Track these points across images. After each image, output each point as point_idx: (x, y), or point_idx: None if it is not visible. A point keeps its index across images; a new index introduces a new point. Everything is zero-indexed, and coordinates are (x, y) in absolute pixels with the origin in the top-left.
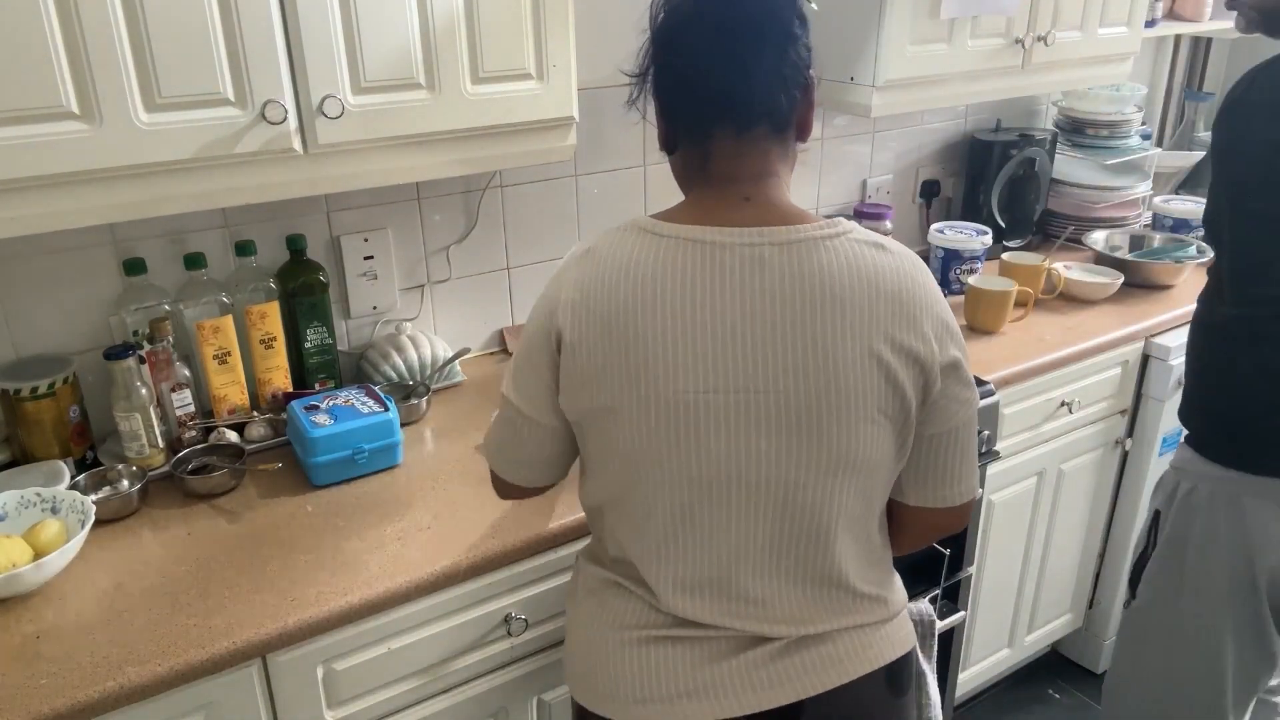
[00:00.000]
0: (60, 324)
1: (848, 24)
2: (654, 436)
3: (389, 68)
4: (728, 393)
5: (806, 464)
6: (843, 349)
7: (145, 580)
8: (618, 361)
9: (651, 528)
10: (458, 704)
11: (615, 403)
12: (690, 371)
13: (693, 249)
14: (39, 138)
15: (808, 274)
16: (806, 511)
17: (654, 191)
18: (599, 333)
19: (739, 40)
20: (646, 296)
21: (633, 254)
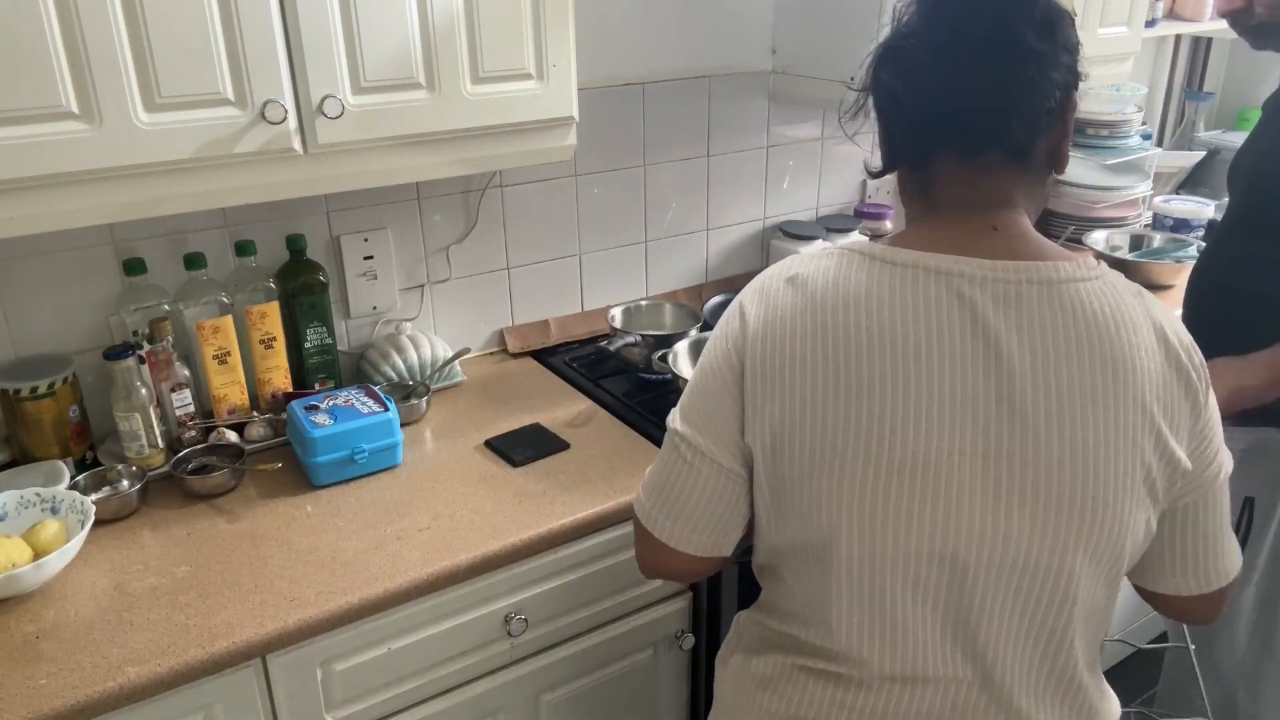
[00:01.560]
0: (60, 324)
1: (848, 24)
2: (885, 500)
3: (389, 68)
4: (977, 457)
5: (1064, 547)
6: (1118, 414)
7: (145, 580)
8: (841, 407)
9: (871, 607)
10: (457, 705)
11: (837, 453)
12: (935, 427)
13: (935, 281)
14: (39, 138)
15: (1076, 320)
16: (1056, 603)
17: (654, 191)
18: (817, 371)
19: (962, 58)
20: (882, 333)
21: (860, 282)
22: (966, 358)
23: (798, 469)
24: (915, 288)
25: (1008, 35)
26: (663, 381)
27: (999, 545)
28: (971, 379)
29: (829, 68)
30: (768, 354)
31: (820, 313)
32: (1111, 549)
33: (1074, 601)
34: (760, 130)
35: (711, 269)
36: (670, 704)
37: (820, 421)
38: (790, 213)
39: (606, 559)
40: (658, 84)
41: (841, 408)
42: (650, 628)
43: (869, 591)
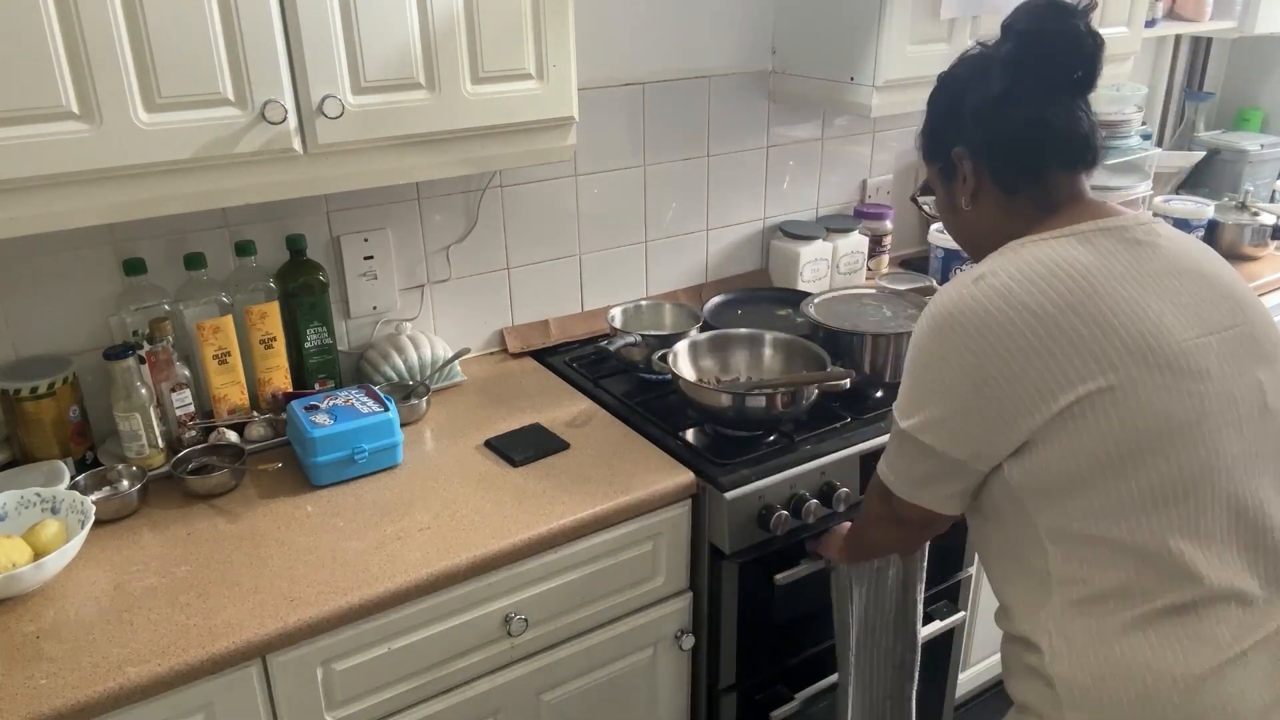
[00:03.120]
0: (60, 324)
1: (848, 24)
2: (1175, 399)
3: (389, 68)
4: (1211, 334)
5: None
6: (1245, 288)
7: (145, 580)
8: (1098, 341)
9: (1206, 508)
10: (457, 704)
11: (1113, 380)
12: (1171, 324)
13: (1095, 236)
14: (39, 138)
15: (1184, 241)
16: None
17: (654, 191)
18: (1061, 325)
19: (1066, 94)
20: (1090, 275)
21: (1043, 256)
22: (1153, 272)
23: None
24: (1084, 245)
25: (1091, 67)
26: (663, 381)
27: (1256, 398)
28: (1167, 285)
29: (829, 68)
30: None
31: (1032, 282)
32: None
33: None
34: (760, 130)
35: (711, 269)
36: (670, 704)
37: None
38: (790, 213)
39: (606, 559)
40: (658, 84)
41: (1099, 340)
42: (650, 628)
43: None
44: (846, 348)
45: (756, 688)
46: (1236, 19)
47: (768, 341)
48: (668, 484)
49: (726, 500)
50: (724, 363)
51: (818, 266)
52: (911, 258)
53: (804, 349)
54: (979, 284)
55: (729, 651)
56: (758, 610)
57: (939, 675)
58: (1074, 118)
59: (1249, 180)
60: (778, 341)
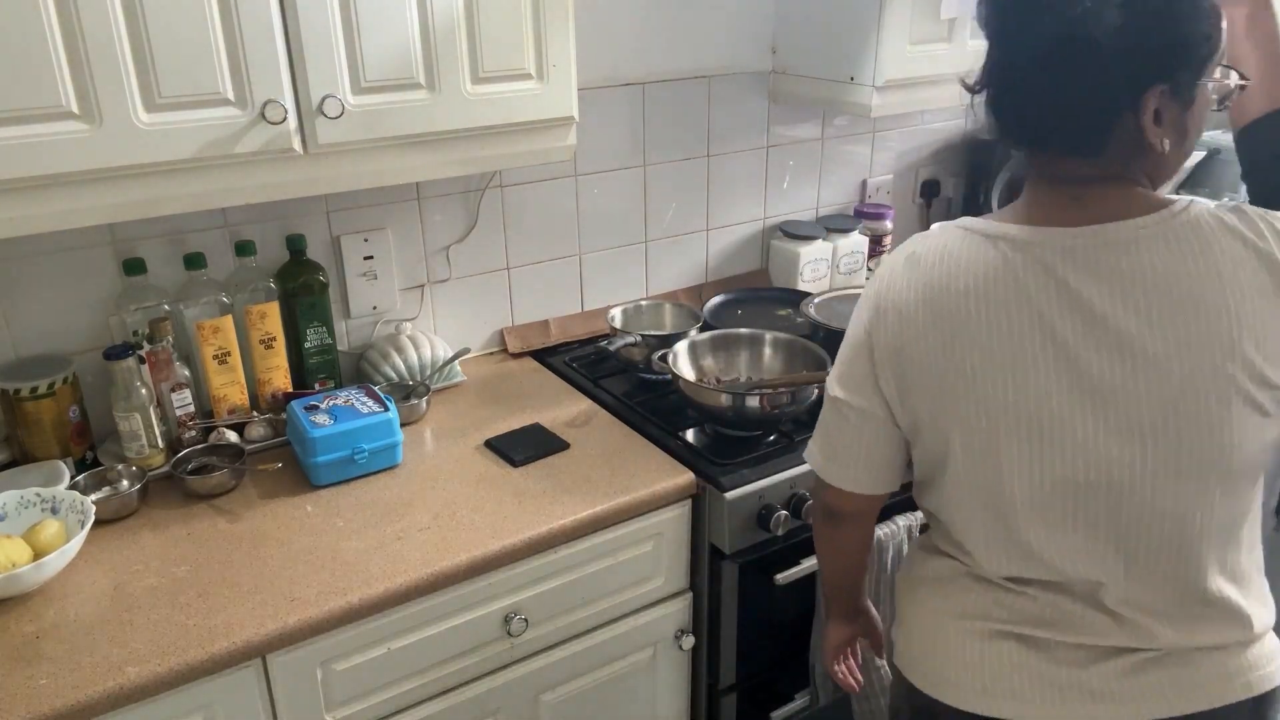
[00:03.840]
0: (60, 324)
1: (848, 24)
2: (997, 441)
3: (389, 68)
4: (1071, 393)
5: (1155, 472)
6: (1200, 352)
7: (145, 580)
8: (949, 366)
9: (1006, 528)
10: (457, 705)
11: (955, 406)
12: (1028, 376)
13: (1022, 252)
14: (39, 138)
15: (1152, 270)
16: (1168, 519)
17: (654, 191)
18: (930, 337)
19: (1028, 68)
20: (978, 300)
21: (960, 257)
22: (1051, 314)
23: (933, 427)
24: (1006, 260)
25: (1072, 37)
26: (663, 381)
27: (1104, 470)
28: (1058, 328)
29: (829, 68)
30: (889, 327)
31: (930, 287)
32: (1213, 468)
33: (1184, 518)
34: (760, 130)
35: (711, 269)
36: (670, 704)
37: (943, 383)
38: (790, 213)
39: (606, 559)
40: (658, 84)
41: (954, 368)
42: (650, 628)
43: (995, 517)
44: None
45: (756, 688)
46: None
47: (768, 341)
48: (668, 484)
49: (726, 500)
50: (724, 363)
51: (818, 266)
52: None
53: (804, 349)
54: (909, 263)
55: (729, 651)
56: (758, 610)
57: None
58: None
59: None
60: (778, 341)
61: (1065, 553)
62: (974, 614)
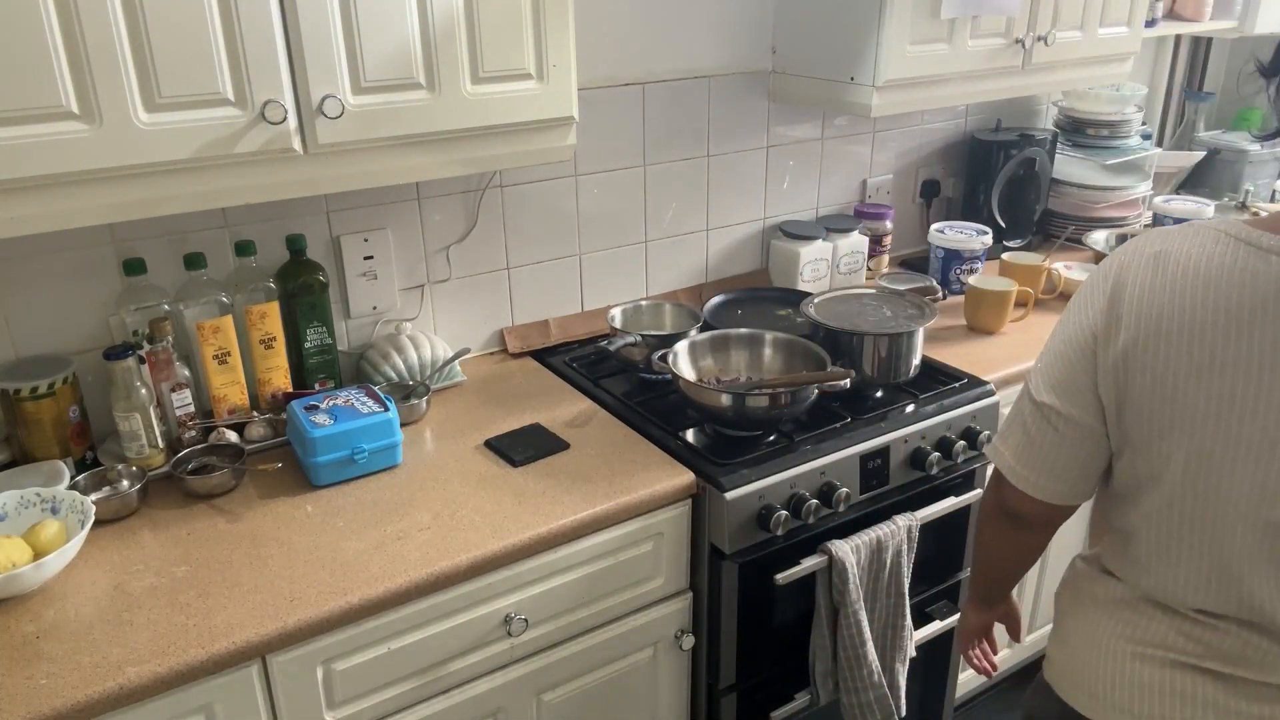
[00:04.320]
0: (60, 324)
1: (848, 24)
2: (1232, 473)
3: (389, 68)
4: None
5: None
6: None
7: (145, 580)
8: (1195, 385)
9: (1216, 561)
10: (457, 704)
11: (1190, 428)
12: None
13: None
14: (39, 138)
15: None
16: None
17: (654, 191)
18: (1175, 348)
19: None
20: (1239, 317)
21: (1222, 265)
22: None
23: (1150, 440)
24: (1272, 272)
25: None
26: (663, 381)
27: None
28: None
29: (829, 68)
30: (1128, 334)
31: (1180, 291)
32: None
33: None
34: (760, 130)
35: (711, 269)
36: (670, 704)
37: (1176, 395)
38: (790, 213)
39: (606, 559)
40: (658, 84)
41: (1196, 385)
42: (650, 628)
43: (1201, 553)
44: (846, 348)
45: (756, 688)
46: (1236, 19)
47: (768, 341)
48: (668, 484)
49: (726, 500)
50: (724, 363)
51: (818, 266)
52: (911, 258)
53: (804, 349)
54: (1155, 262)
55: (729, 651)
56: (758, 610)
57: (939, 675)
58: None
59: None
60: (778, 341)
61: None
62: (1157, 643)
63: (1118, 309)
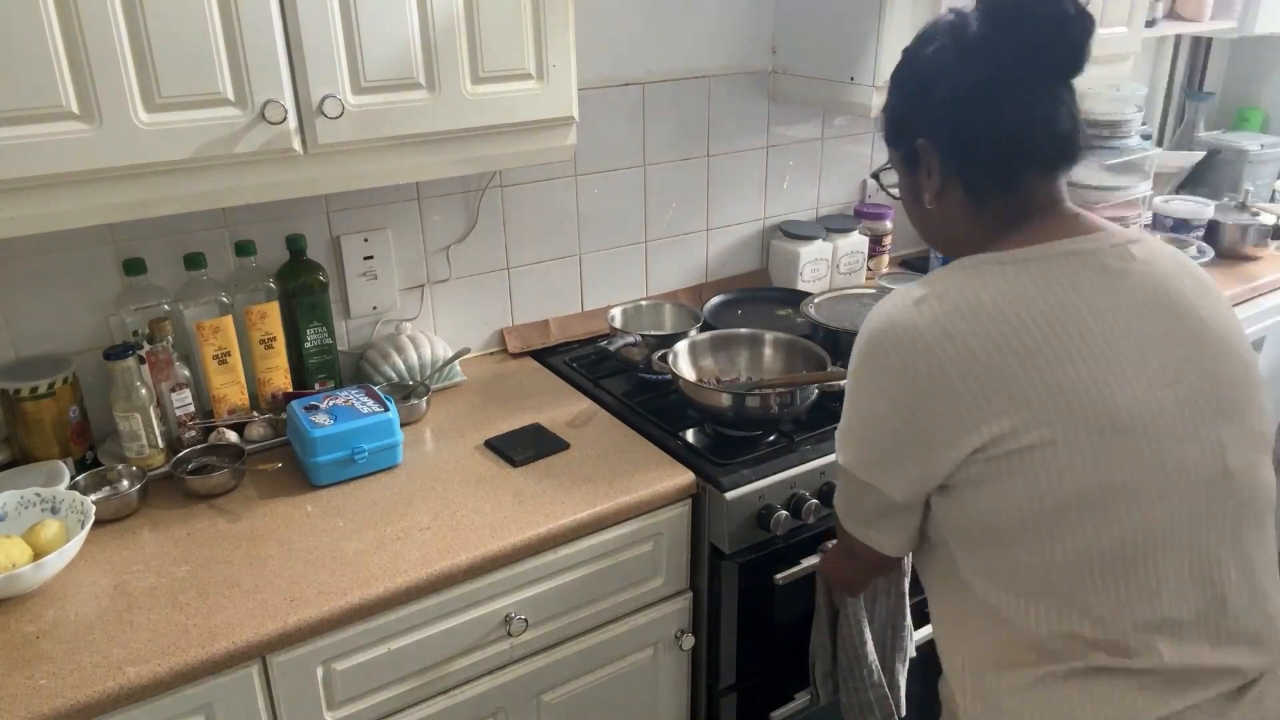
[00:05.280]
0: (60, 324)
1: (848, 24)
2: (1112, 461)
3: (389, 68)
4: (1166, 387)
5: (1244, 447)
6: (1222, 327)
7: (145, 580)
8: (1037, 388)
9: (1133, 572)
10: (457, 704)
11: (1046, 435)
12: (1124, 376)
13: (1060, 263)
14: (39, 138)
15: (1169, 260)
16: (1261, 503)
17: (654, 191)
18: (996, 367)
19: (1047, 85)
20: (1042, 318)
21: (995, 290)
22: (1117, 313)
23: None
24: (1049, 270)
25: (1079, 55)
26: (663, 381)
27: (1212, 461)
28: (1153, 327)
29: (829, 68)
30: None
31: (979, 314)
32: (1265, 440)
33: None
34: (760, 130)
35: (711, 269)
36: (670, 704)
37: (1021, 409)
38: (790, 213)
39: (606, 559)
40: (658, 84)
41: (1038, 388)
42: (650, 628)
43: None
44: (846, 348)
45: (756, 688)
46: (1236, 19)
47: (768, 341)
48: (668, 484)
49: (726, 500)
50: (724, 363)
51: (818, 266)
52: (911, 258)
53: (804, 349)
54: (920, 307)
55: (729, 651)
56: (758, 610)
57: (939, 675)
58: (1055, 114)
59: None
60: (778, 341)
61: (1195, 578)
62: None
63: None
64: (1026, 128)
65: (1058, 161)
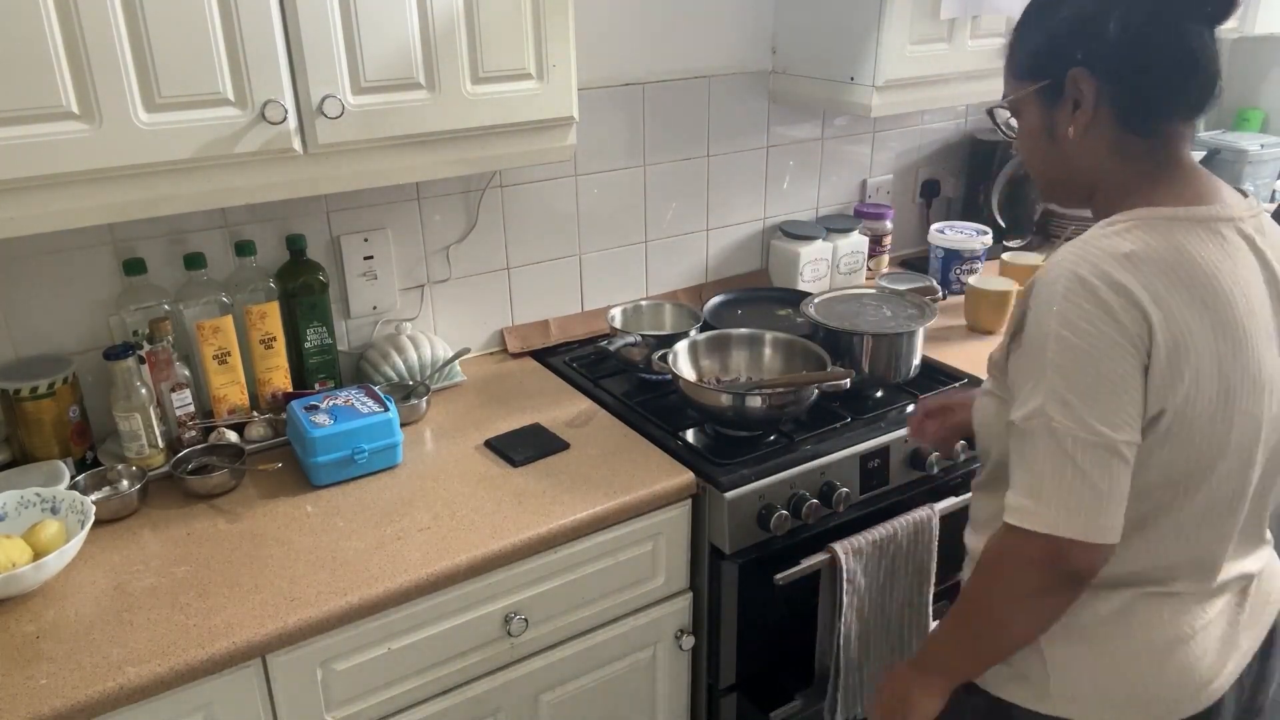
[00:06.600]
0: (60, 324)
1: (848, 24)
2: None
3: (389, 68)
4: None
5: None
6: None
7: (145, 580)
8: (1233, 353)
9: (1218, 518)
10: (457, 705)
11: (1238, 395)
12: (1270, 343)
13: (1221, 229)
14: (39, 138)
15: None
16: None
17: (654, 191)
18: (1209, 328)
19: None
20: (1225, 289)
21: (1192, 253)
22: (1263, 285)
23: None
24: (1220, 239)
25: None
26: (663, 381)
27: None
28: (1269, 301)
29: (829, 68)
30: (1167, 322)
31: (1184, 279)
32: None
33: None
34: (760, 130)
35: (711, 269)
36: (670, 704)
37: (1215, 372)
38: (790, 213)
39: (606, 559)
40: (658, 84)
41: (1227, 353)
42: (650, 628)
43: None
44: (846, 348)
45: (757, 688)
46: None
47: (768, 341)
48: (668, 484)
49: (726, 500)
50: (724, 363)
51: (818, 266)
52: (911, 258)
53: (804, 349)
54: (1129, 262)
55: (729, 651)
56: (758, 610)
57: None
58: (1211, 57)
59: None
60: (778, 341)
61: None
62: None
63: (1147, 319)
64: (1189, 65)
65: (1202, 104)
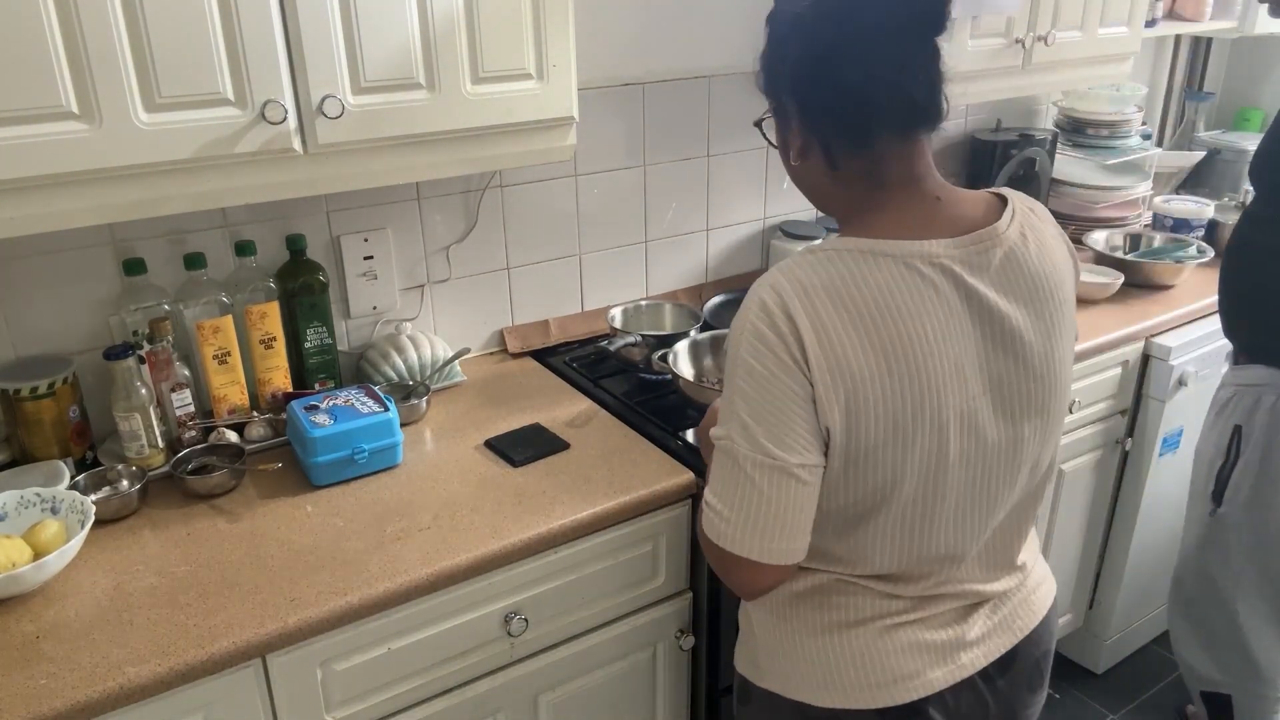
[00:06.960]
0: (60, 324)
1: None
2: (944, 453)
3: (389, 68)
4: (988, 394)
5: (1044, 442)
6: (1064, 338)
7: (145, 580)
8: (902, 390)
9: (926, 530)
10: (457, 705)
11: (910, 431)
12: (957, 382)
13: (930, 267)
14: (39, 138)
15: (1025, 266)
16: (1038, 488)
17: (654, 191)
18: (877, 363)
19: (907, 38)
20: (909, 320)
21: (870, 279)
22: (965, 322)
23: (876, 451)
24: (917, 276)
25: (939, 16)
26: (663, 381)
27: (1011, 455)
28: (973, 338)
29: None
30: (826, 354)
31: (860, 315)
32: (1056, 444)
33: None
34: None
35: (711, 269)
36: (670, 704)
37: (889, 406)
38: (790, 213)
39: (606, 559)
40: (658, 84)
41: (896, 389)
42: (650, 628)
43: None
44: None
45: None
46: (1236, 19)
47: None
48: (668, 484)
49: None
50: (724, 362)
51: None
52: None
53: None
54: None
55: (729, 651)
56: None
57: None
58: (908, 77)
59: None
60: None
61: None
62: (872, 616)
63: (809, 339)
64: (874, 90)
65: (910, 125)
